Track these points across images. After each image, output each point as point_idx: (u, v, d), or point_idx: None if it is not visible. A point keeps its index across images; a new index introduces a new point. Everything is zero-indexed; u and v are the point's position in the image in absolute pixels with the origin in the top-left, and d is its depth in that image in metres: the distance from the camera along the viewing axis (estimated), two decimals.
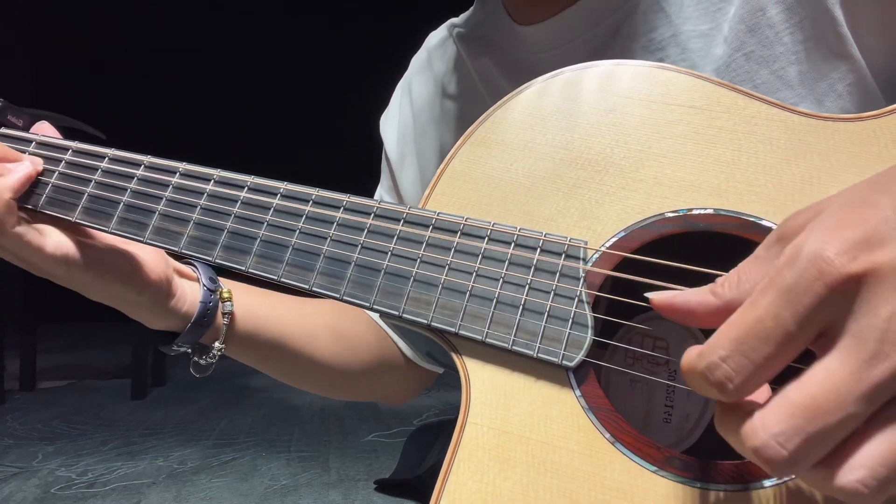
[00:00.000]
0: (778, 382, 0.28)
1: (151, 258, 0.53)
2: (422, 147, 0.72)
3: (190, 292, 0.56)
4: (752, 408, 0.28)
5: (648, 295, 0.33)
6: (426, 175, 0.71)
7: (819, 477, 0.27)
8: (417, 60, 0.76)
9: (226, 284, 0.59)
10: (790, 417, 0.26)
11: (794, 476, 0.29)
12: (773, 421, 0.27)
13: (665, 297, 0.32)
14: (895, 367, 0.25)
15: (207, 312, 0.56)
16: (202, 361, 0.58)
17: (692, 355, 0.29)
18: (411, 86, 0.75)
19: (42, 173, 0.51)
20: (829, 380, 0.26)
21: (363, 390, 0.73)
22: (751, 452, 0.27)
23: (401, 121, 0.75)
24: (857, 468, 0.26)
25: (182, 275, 0.57)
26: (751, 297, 0.28)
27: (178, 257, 0.56)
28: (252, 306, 0.60)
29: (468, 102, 0.68)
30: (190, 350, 0.57)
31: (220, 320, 0.57)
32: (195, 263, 0.59)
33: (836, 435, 0.26)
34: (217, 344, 0.57)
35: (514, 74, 0.64)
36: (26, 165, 0.49)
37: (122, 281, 0.51)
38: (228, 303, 0.58)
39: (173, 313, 0.55)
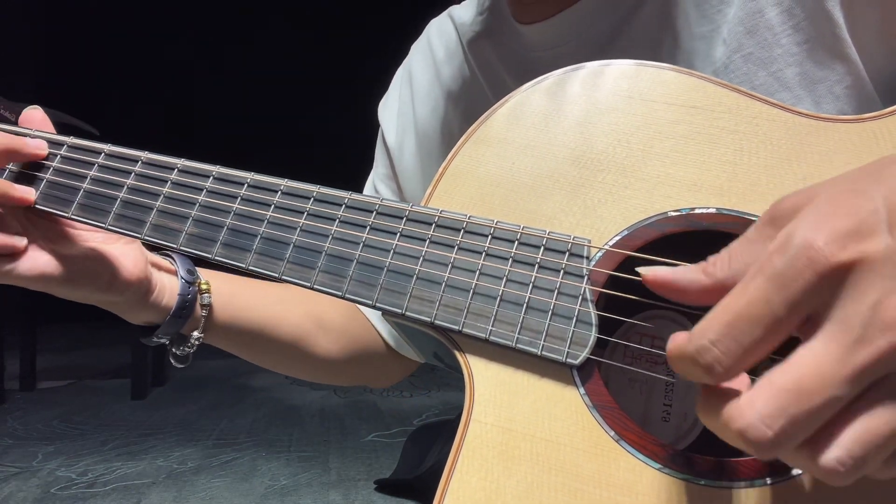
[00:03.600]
0: (755, 372, 0.29)
1: (131, 259, 0.54)
2: (424, 135, 0.71)
3: (168, 285, 0.57)
4: (734, 393, 0.28)
5: (640, 269, 0.33)
6: (427, 163, 0.71)
7: (802, 457, 0.27)
8: (418, 47, 0.76)
9: (204, 275, 0.60)
10: (775, 399, 0.27)
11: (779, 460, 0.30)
12: (759, 403, 0.27)
13: (657, 273, 0.33)
14: (879, 351, 0.26)
15: (186, 305, 0.57)
16: (179, 352, 0.59)
17: (681, 340, 0.30)
18: (412, 73, 0.74)
19: (39, 168, 0.51)
20: (814, 363, 0.27)
21: (346, 376, 0.75)
22: (736, 434, 0.28)
23: (400, 108, 0.74)
24: (837, 449, 0.27)
25: (160, 268, 0.58)
26: (742, 281, 0.29)
27: (155, 248, 0.56)
28: (232, 295, 0.61)
29: (468, 91, 0.68)
30: (168, 341, 0.58)
31: (199, 311, 0.59)
32: (172, 255, 0.60)
33: (820, 417, 0.27)
34: (195, 334, 0.59)
35: (513, 68, 0.64)
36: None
37: (102, 290, 0.53)
38: (206, 294, 0.59)
39: (153, 307, 0.56)
